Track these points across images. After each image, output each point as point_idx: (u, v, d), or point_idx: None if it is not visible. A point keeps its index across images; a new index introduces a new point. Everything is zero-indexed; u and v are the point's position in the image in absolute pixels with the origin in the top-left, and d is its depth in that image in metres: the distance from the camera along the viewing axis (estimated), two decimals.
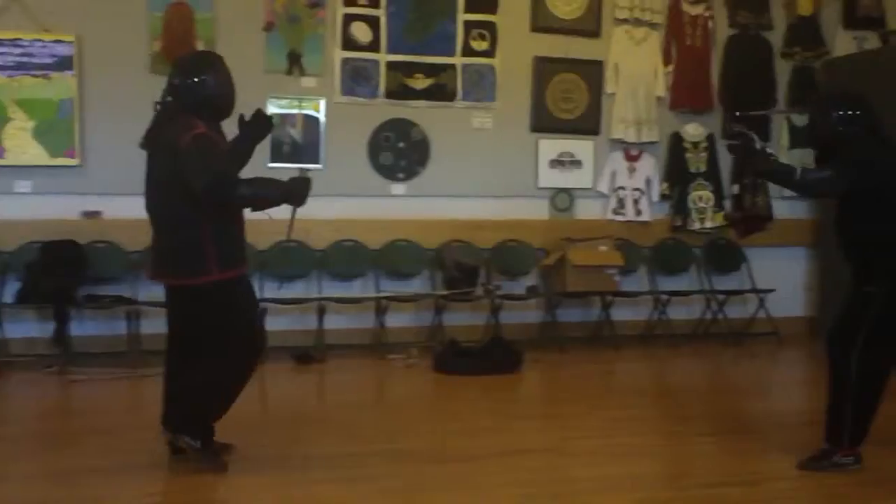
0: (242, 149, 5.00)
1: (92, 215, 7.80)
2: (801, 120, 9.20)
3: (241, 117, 5.01)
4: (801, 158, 8.63)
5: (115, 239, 7.77)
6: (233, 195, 4.47)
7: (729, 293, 8.94)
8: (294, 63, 8.15)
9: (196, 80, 4.65)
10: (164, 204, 4.63)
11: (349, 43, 8.28)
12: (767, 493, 4.53)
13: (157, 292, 7.73)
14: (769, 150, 5.05)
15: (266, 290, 7.87)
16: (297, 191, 4.69)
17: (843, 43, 9.59)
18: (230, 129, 4.92)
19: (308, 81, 8.21)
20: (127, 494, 4.37)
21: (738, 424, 5.76)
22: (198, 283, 4.56)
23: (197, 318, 4.65)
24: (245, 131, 5.03)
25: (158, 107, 4.74)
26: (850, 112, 4.80)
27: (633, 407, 6.35)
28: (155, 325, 7.72)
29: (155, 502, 4.29)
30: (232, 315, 4.65)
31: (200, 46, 7.86)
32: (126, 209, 7.75)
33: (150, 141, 4.71)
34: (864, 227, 4.75)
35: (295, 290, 8.14)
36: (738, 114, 8.04)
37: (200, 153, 4.44)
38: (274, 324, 7.80)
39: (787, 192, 8.72)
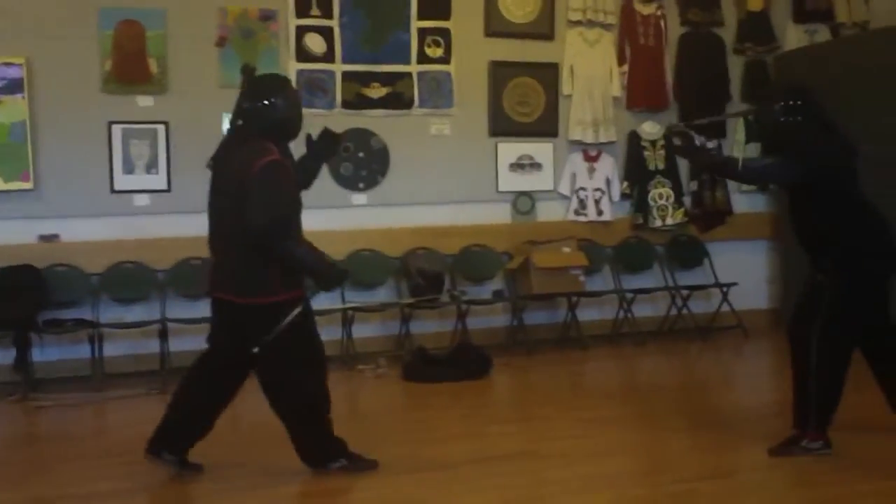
0: (310, 167, 4.98)
1: (49, 239, 7.69)
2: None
3: (309, 137, 5.00)
4: (758, 152, 8.68)
5: (74, 262, 7.67)
6: (277, 245, 4.48)
7: (693, 288, 8.98)
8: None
9: (266, 102, 4.66)
10: (232, 224, 4.57)
11: (303, 55, 8.24)
12: (741, 484, 4.55)
13: (119, 314, 7.76)
14: (709, 146, 5.16)
15: None
16: (331, 279, 4.73)
17: (793, 36, 9.69)
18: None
19: None
20: None
21: (708, 418, 5.78)
22: (264, 303, 4.56)
23: (267, 335, 4.61)
24: (313, 150, 5.02)
25: (228, 129, 4.81)
26: (791, 102, 4.91)
27: (603, 406, 6.36)
28: (118, 348, 7.70)
29: None
30: (301, 332, 4.66)
31: (153, 64, 7.81)
32: (84, 231, 7.73)
33: (219, 162, 4.72)
34: (815, 215, 4.86)
35: None
36: (683, 124, 8.13)
37: (269, 186, 4.45)
38: None
39: (746, 187, 8.82)
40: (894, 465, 4.76)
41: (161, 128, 7.89)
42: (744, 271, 9.21)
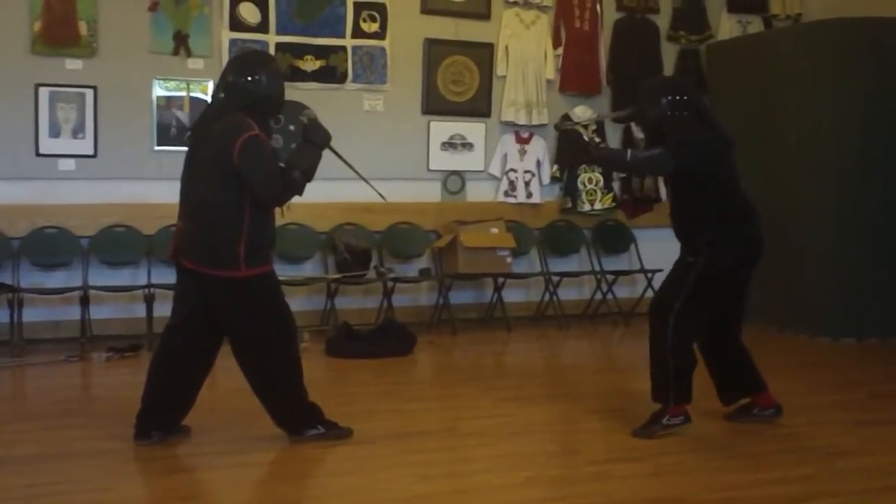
0: (310, 153, 4.91)
1: None
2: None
3: (304, 125, 4.99)
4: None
5: None
6: (297, 188, 4.71)
7: (618, 273, 9.07)
8: (180, 44, 7.99)
9: (250, 78, 4.72)
10: (205, 195, 4.66)
11: (237, 24, 8.15)
12: (653, 468, 4.62)
13: (39, 279, 7.64)
14: (597, 140, 5.33)
15: (155, 275, 7.75)
16: (319, 137, 4.85)
17: (727, 26, 9.81)
18: None
19: (195, 63, 8.05)
20: (11, 485, 4.26)
21: (625, 402, 5.85)
22: (232, 276, 4.63)
23: (233, 308, 4.71)
24: (309, 137, 4.97)
25: (210, 102, 4.93)
26: (677, 97, 5.13)
27: (524, 387, 6.42)
28: (38, 314, 7.58)
29: (38, 493, 4.17)
30: (266, 304, 4.75)
31: (83, 27, 7.68)
32: (6, 194, 7.59)
33: (197, 133, 4.79)
34: (691, 202, 5.11)
35: None
36: (568, 124, 8.22)
37: (259, 159, 4.59)
38: (163, 310, 7.67)
39: None
40: (798, 454, 4.88)
41: (89, 92, 7.77)
42: (669, 258, 9.03)
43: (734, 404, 5.37)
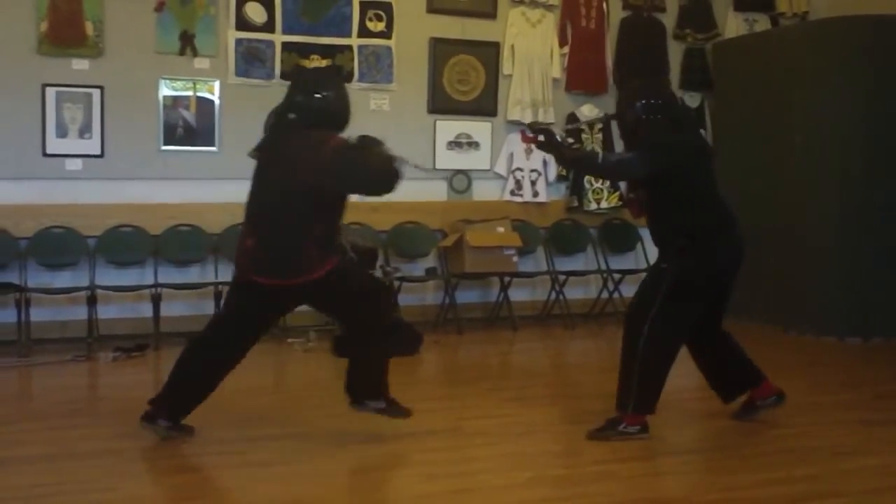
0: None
1: None
2: (692, 101, 9.47)
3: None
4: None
5: (1, 225, 7.56)
6: (397, 176, 4.79)
7: (624, 272, 9.05)
8: (186, 44, 8.01)
9: (318, 96, 4.86)
10: (279, 210, 4.74)
11: (243, 23, 8.16)
12: (657, 468, 4.63)
13: (46, 279, 7.66)
14: (570, 141, 5.32)
15: (162, 275, 7.78)
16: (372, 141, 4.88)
17: (733, 24, 9.79)
18: None
19: (201, 62, 8.07)
20: (15, 485, 4.28)
21: None
22: (310, 279, 4.72)
23: (331, 300, 4.90)
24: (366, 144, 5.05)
25: (273, 118, 4.96)
26: (653, 101, 5.13)
27: (528, 387, 6.43)
28: (45, 314, 7.60)
29: (43, 493, 4.19)
30: (356, 281, 4.94)
31: (89, 27, 7.69)
32: (13, 195, 7.61)
33: (267, 152, 4.87)
34: (667, 208, 5.07)
35: (191, 274, 8.05)
36: (567, 128, 8.20)
37: (359, 157, 4.72)
38: (170, 309, 7.73)
39: None
40: (801, 453, 4.88)
41: (96, 92, 7.78)
42: None
43: (734, 401, 5.35)
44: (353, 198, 4.95)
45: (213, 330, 5.03)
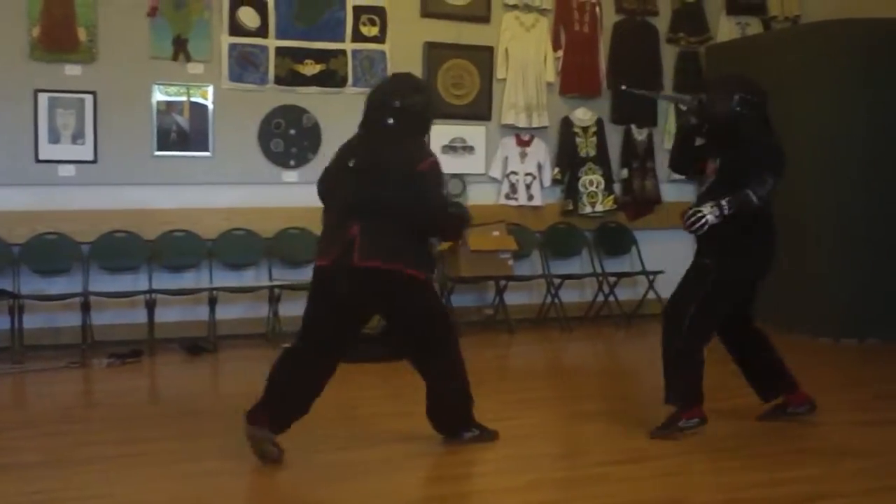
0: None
1: None
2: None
3: None
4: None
5: None
6: (449, 221, 4.87)
7: (620, 275, 9.06)
8: (180, 49, 7.98)
9: (414, 101, 4.85)
10: (391, 200, 4.66)
11: (236, 28, 8.14)
12: (658, 469, 4.61)
13: (40, 286, 7.63)
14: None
15: (156, 281, 7.75)
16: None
17: (726, 28, 9.80)
18: None
19: (195, 67, 8.05)
20: (11, 492, 4.24)
21: (626, 404, 5.85)
22: (418, 276, 4.75)
23: (421, 308, 4.87)
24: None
25: (362, 129, 4.95)
26: (750, 96, 4.99)
27: (527, 390, 6.41)
28: (38, 320, 7.55)
29: (39, 500, 4.16)
30: (441, 304, 5.12)
31: (82, 32, 7.67)
32: (6, 201, 7.57)
33: (368, 156, 4.78)
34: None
35: (185, 280, 8.01)
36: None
37: (437, 187, 4.80)
38: (164, 315, 7.71)
39: (675, 176, 8.73)
40: (802, 454, 4.87)
41: (89, 97, 7.75)
42: (670, 260, 9.20)
43: (771, 402, 5.33)
44: None
45: (303, 341, 4.92)
